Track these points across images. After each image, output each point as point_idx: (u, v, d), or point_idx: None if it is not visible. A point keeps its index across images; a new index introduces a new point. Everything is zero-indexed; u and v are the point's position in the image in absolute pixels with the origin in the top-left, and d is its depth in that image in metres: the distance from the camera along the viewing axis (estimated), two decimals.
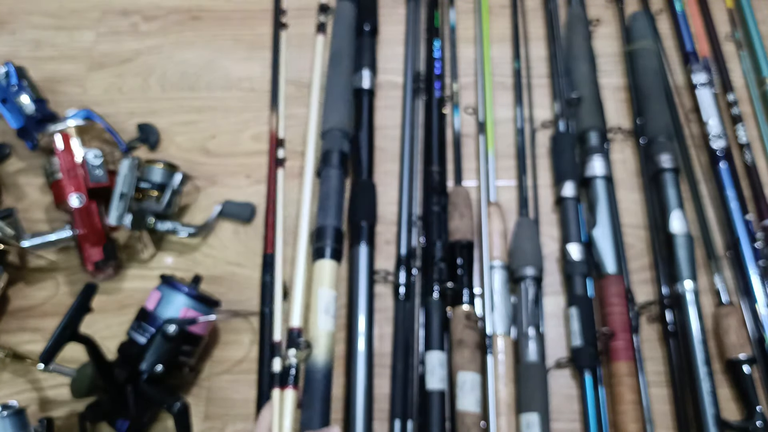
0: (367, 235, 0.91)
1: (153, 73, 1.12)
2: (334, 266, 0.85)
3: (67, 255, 0.95)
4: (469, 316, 0.83)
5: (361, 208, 0.93)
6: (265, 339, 0.85)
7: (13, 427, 0.72)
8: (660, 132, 0.96)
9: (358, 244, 0.90)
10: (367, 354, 0.83)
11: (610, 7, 1.15)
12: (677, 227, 0.89)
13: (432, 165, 0.97)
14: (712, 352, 0.83)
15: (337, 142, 0.94)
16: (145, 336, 0.78)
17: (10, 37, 1.17)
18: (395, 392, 0.81)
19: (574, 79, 1.03)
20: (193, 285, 0.84)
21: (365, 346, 0.83)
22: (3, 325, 0.91)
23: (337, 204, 0.89)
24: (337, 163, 0.92)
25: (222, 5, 1.19)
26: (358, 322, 0.84)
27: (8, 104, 0.97)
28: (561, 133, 0.99)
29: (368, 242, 0.90)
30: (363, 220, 0.91)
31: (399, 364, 0.83)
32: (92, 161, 0.90)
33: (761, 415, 0.78)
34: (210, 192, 1.01)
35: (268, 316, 0.87)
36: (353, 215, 0.92)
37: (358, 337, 0.83)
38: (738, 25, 1.12)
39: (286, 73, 1.09)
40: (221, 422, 0.84)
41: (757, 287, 0.86)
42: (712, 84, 1.03)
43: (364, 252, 0.89)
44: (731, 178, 0.94)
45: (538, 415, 0.77)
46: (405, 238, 0.91)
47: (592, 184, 0.94)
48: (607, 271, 0.87)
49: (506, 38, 1.12)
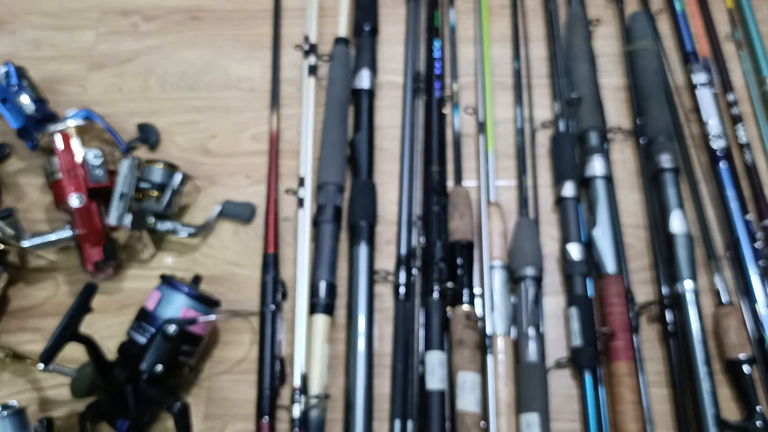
0: (367, 234, 0.91)
1: (153, 73, 1.12)
2: (327, 321, 0.86)
3: (67, 255, 0.95)
4: (469, 316, 0.83)
5: (361, 208, 0.93)
6: (264, 339, 0.85)
7: (13, 427, 0.72)
8: (660, 132, 0.96)
9: (358, 244, 0.90)
10: (367, 354, 0.83)
11: (610, 7, 1.15)
12: (677, 227, 0.89)
13: (432, 165, 0.97)
14: (712, 352, 0.83)
15: (331, 196, 0.94)
16: (145, 336, 0.78)
17: (10, 37, 1.17)
18: (395, 392, 0.81)
19: (574, 79, 1.03)
20: (193, 285, 0.84)
21: (365, 346, 0.83)
22: (3, 325, 0.91)
23: (331, 259, 0.90)
24: (330, 218, 0.92)
25: (222, 5, 1.19)
26: (358, 322, 0.85)
27: (8, 104, 0.97)
28: (561, 133, 0.99)
29: (368, 242, 0.90)
30: (363, 220, 0.91)
31: (399, 364, 0.83)
32: (92, 161, 0.90)
33: (761, 415, 0.78)
34: (210, 192, 1.01)
35: (268, 316, 0.87)
36: (353, 215, 0.92)
37: (358, 337, 0.84)
38: (738, 25, 1.12)
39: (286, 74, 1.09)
40: (221, 422, 0.84)
41: (757, 287, 0.86)
42: (712, 84, 1.03)
43: (364, 252, 0.89)
44: (731, 178, 0.94)
45: (538, 415, 0.77)
46: (405, 238, 0.91)
47: (592, 184, 0.94)
48: (607, 271, 0.87)
49: (506, 38, 1.12)
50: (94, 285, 0.76)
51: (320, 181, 0.95)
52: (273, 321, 0.87)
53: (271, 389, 0.82)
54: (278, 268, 0.91)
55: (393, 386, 0.82)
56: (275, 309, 0.87)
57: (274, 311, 0.87)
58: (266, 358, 0.84)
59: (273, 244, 0.92)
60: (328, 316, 0.86)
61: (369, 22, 1.10)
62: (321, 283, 0.87)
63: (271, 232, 0.93)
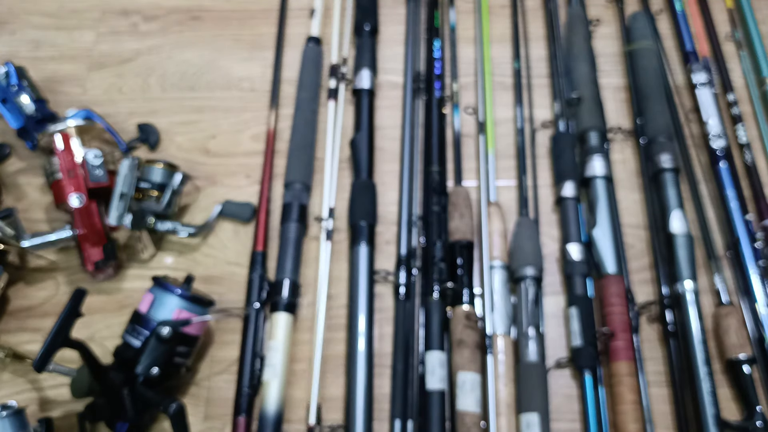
0: (367, 234, 0.91)
1: (153, 73, 1.12)
2: (289, 320, 0.86)
3: (67, 255, 0.95)
4: (469, 316, 0.83)
5: (361, 208, 0.93)
6: (247, 337, 0.85)
7: (12, 427, 0.72)
8: (660, 132, 0.96)
9: (358, 244, 0.90)
10: (367, 354, 0.83)
11: (610, 7, 1.15)
12: (677, 227, 0.89)
13: (432, 165, 0.97)
14: (712, 352, 0.83)
15: (297, 195, 0.94)
16: (139, 339, 0.78)
17: (10, 37, 1.17)
18: (395, 392, 0.81)
19: (574, 79, 1.03)
20: (185, 286, 0.83)
21: (365, 346, 0.83)
22: (3, 325, 0.91)
23: (295, 258, 0.90)
24: (296, 217, 0.93)
25: (222, 5, 1.19)
26: (358, 322, 0.84)
27: (8, 104, 0.97)
28: (561, 133, 0.99)
29: (368, 242, 0.90)
30: (363, 220, 0.91)
31: (399, 364, 0.83)
32: (92, 161, 0.90)
33: (761, 415, 0.78)
34: (210, 192, 1.00)
35: (252, 313, 0.87)
36: (353, 215, 0.92)
37: (358, 337, 0.83)
38: (738, 25, 1.12)
39: (286, 74, 1.09)
40: (221, 422, 0.84)
41: (757, 287, 0.86)
42: (712, 84, 1.03)
43: (364, 252, 0.89)
44: (731, 178, 0.94)
45: (538, 415, 0.77)
46: (405, 238, 0.91)
47: (592, 184, 0.94)
48: (607, 271, 0.87)
49: (506, 38, 1.12)
50: (83, 290, 0.76)
51: (287, 180, 0.96)
52: (256, 319, 0.86)
53: (250, 387, 0.82)
54: (266, 266, 0.91)
55: (393, 386, 0.82)
56: (260, 307, 0.87)
57: (258, 309, 0.87)
58: (247, 355, 0.84)
59: (262, 242, 0.93)
60: (290, 315, 0.86)
61: (369, 22, 1.10)
62: (284, 281, 0.87)
63: (261, 230, 0.93)
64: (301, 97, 1.04)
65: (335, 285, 0.90)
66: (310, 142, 1.00)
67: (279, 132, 1.04)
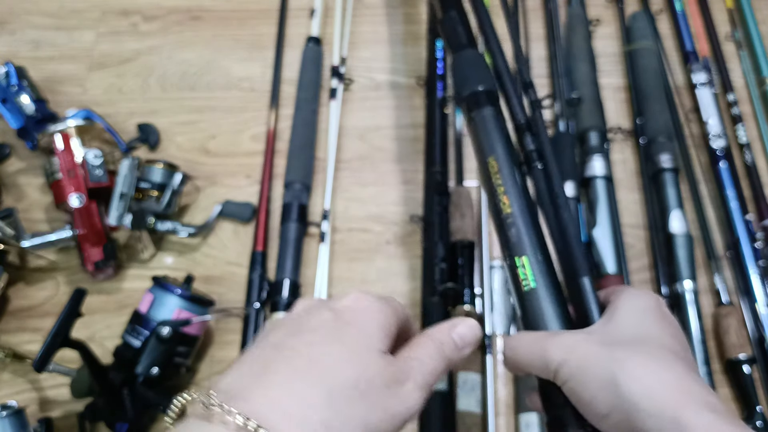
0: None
1: (153, 73, 1.12)
2: None
3: (67, 255, 0.95)
4: (470, 316, 0.83)
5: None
6: (247, 337, 0.85)
7: (12, 427, 0.72)
8: (660, 132, 0.96)
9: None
10: None
11: (610, 7, 1.15)
12: (677, 227, 0.89)
13: (434, 165, 0.97)
14: (711, 352, 0.83)
15: (296, 195, 0.94)
16: (139, 339, 0.78)
17: (10, 37, 1.17)
18: None
19: (574, 79, 1.03)
20: (185, 286, 0.83)
21: None
22: (3, 325, 0.91)
23: (295, 258, 0.90)
24: (296, 216, 0.93)
25: (222, 5, 1.19)
26: None
27: (8, 104, 0.97)
28: (561, 133, 0.99)
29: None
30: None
31: None
32: (92, 161, 0.90)
33: (761, 415, 0.78)
34: (210, 192, 1.00)
35: (252, 313, 0.87)
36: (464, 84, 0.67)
37: None
38: (738, 25, 1.12)
39: (286, 74, 1.09)
40: None
41: (757, 287, 0.86)
42: (712, 84, 1.03)
43: None
44: (731, 178, 0.94)
45: (537, 416, 0.77)
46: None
47: (592, 184, 0.94)
48: (607, 271, 0.87)
49: (506, 38, 1.11)
50: (83, 290, 0.76)
51: (287, 180, 0.96)
52: (256, 319, 0.86)
53: None
54: (266, 266, 0.91)
55: None
56: (260, 307, 0.87)
57: (258, 309, 0.87)
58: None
59: (262, 242, 0.93)
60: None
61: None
62: (285, 281, 0.87)
63: (261, 230, 0.93)
64: (301, 97, 1.04)
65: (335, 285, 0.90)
66: (310, 142, 1.00)
67: (279, 132, 1.04)
